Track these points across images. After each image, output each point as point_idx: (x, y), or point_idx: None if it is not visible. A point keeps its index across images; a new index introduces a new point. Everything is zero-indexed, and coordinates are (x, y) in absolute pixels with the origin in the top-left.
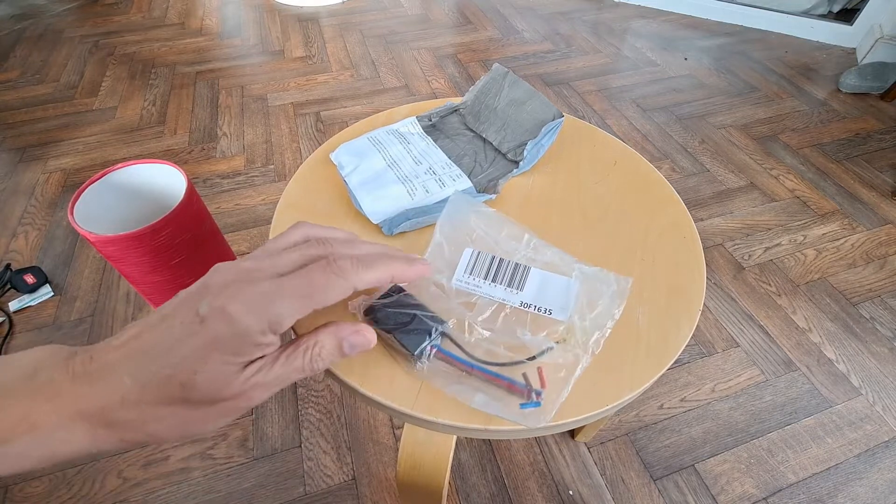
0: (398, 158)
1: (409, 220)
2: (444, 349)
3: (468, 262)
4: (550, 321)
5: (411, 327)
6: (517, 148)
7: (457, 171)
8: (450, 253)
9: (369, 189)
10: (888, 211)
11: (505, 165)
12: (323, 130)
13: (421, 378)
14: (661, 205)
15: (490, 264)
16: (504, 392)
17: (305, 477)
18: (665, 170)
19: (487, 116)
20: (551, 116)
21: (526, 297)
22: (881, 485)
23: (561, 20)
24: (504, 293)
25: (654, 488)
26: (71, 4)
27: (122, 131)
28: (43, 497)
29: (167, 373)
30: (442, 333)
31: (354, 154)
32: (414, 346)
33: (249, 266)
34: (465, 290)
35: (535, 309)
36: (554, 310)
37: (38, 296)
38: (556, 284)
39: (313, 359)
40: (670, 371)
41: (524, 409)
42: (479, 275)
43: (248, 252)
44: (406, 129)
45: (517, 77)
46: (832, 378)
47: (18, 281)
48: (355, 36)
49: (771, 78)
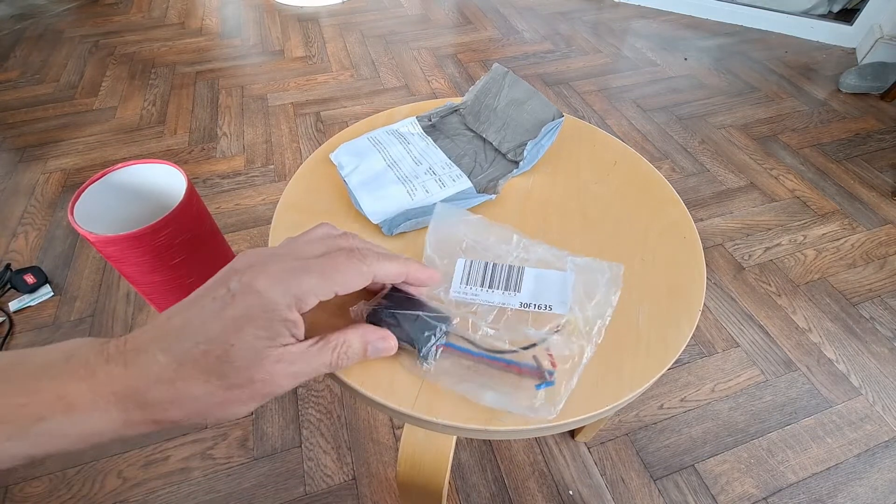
0: (398, 159)
1: (409, 221)
2: (452, 343)
3: (462, 273)
4: (552, 316)
5: (416, 327)
6: (517, 148)
7: (457, 171)
8: (443, 265)
9: (369, 189)
10: (888, 211)
11: (505, 165)
12: (323, 130)
13: (428, 379)
14: (661, 205)
15: (484, 271)
16: (513, 387)
17: (305, 477)
18: (665, 170)
19: (487, 116)
20: (551, 116)
21: (524, 297)
22: (881, 485)
23: (561, 20)
24: (502, 297)
25: (654, 488)
26: (71, 4)
27: (122, 131)
28: (43, 497)
29: (203, 348)
30: (447, 332)
31: (354, 154)
32: (420, 344)
33: (275, 250)
34: (464, 300)
35: (535, 307)
36: (553, 305)
37: (38, 296)
38: (552, 280)
39: (340, 356)
40: (670, 371)
41: (539, 391)
42: (475, 283)
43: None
44: (406, 129)
45: (517, 77)
46: (832, 378)
47: (18, 281)
48: (355, 36)
49: (771, 78)
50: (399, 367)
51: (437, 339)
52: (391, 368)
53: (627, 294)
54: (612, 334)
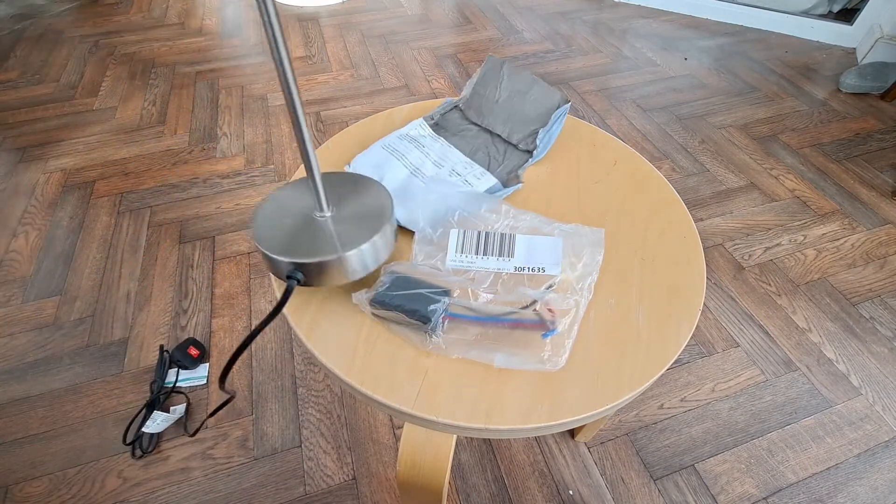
0: (419, 164)
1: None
2: (456, 313)
3: (457, 243)
4: (545, 277)
5: (420, 304)
6: (527, 138)
7: (479, 169)
8: (437, 237)
9: (400, 200)
10: (888, 211)
11: (519, 156)
12: (323, 130)
13: (438, 352)
14: (661, 205)
15: (478, 239)
16: (520, 346)
17: (305, 477)
18: (665, 170)
19: (491, 109)
20: (557, 102)
21: (518, 261)
22: (881, 485)
23: (561, 20)
24: (497, 263)
25: (654, 488)
26: (71, 4)
27: (123, 131)
28: (43, 497)
29: None
30: (449, 303)
31: (374, 165)
32: (426, 318)
33: None
34: (461, 268)
35: (529, 270)
36: (546, 267)
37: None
38: (542, 245)
39: None
40: (670, 371)
41: (546, 339)
42: (469, 252)
43: (247, 252)
44: (416, 131)
45: (514, 66)
46: (832, 378)
47: (182, 357)
48: (355, 36)
49: (771, 78)
50: (400, 368)
51: (442, 311)
52: (391, 368)
53: (627, 294)
54: (613, 334)
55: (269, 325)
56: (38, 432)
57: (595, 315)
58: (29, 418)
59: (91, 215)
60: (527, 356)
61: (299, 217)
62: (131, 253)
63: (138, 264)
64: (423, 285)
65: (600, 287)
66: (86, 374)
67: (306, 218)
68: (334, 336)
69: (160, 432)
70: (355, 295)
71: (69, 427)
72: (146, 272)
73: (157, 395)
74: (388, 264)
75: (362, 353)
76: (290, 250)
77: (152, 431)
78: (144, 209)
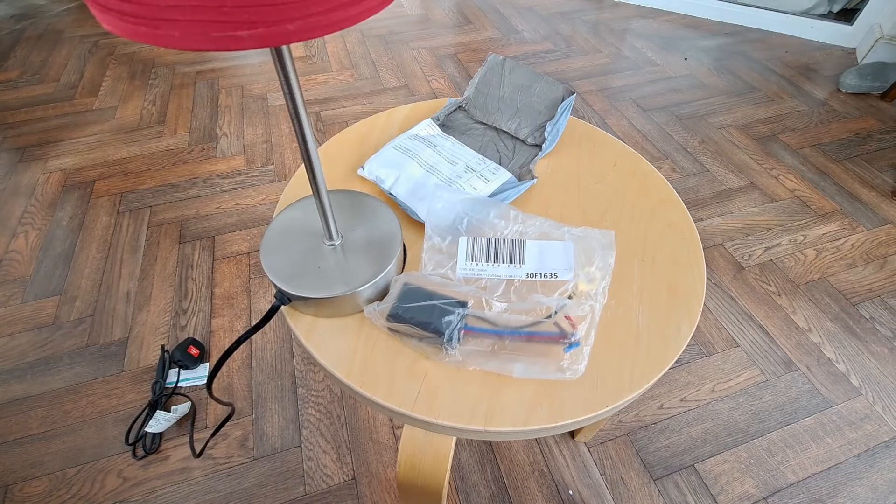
0: (433, 163)
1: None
2: (473, 326)
3: (467, 250)
4: (558, 283)
5: (435, 316)
6: (535, 132)
7: (493, 164)
8: (446, 246)
9: (419, 197)
10: (888, 211)
11: (528, 150)
12: (323, 130)
13: (455, 364)
14: (661, 205)
15: (488, 247)
16: (538, 356)
17: (305, 477)
18: (665, 170)
19: (497, 107)
20: (562, 95)
21: (530, 267)
22: (881, 485)
23: (561, 20)
24: (508, 270)
25: (654, 488)
26: (71, 4)
27: (123, 131)
28: (43, 497)
29: None
30: (465, 315)
31: (389, 166)
32: (442, 331)
33: None
34: (472, 276)
35: (541, 276)
36: (558, 272)
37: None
38: (553, 250)
39: None
40: (670, 371)
41: (567, 353)
42: (480, 259)
43: (247, 251)
44: (425, 131)
45: (515, 62)
46: (832, 378)
47: (182, 356)
48: (355, 36)
49: (771, 78)
50: (400, 367)
51: (458, 323)
52: (391, 369)
53: (627, 294)
54: (613, 334)
55: (269, 326)
56: (38, 432)
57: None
58: (29, 418)
59: (91, 215)
60: (546, 365)
61: (308, 246)
62: (131, 253)
63: (138, 264)
64: (435, 296)
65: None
66: (85, 374)
67: (315, 248)
68: (334, 337)
69: (162, 432)
70: (367, 308)
71: (69, 427)
72: (146, 272)
73: (160, 396)
74: (399, 275)
75: (362, 355)
76: (302, 286)
77: (155, 431)
78: (144, 209)
